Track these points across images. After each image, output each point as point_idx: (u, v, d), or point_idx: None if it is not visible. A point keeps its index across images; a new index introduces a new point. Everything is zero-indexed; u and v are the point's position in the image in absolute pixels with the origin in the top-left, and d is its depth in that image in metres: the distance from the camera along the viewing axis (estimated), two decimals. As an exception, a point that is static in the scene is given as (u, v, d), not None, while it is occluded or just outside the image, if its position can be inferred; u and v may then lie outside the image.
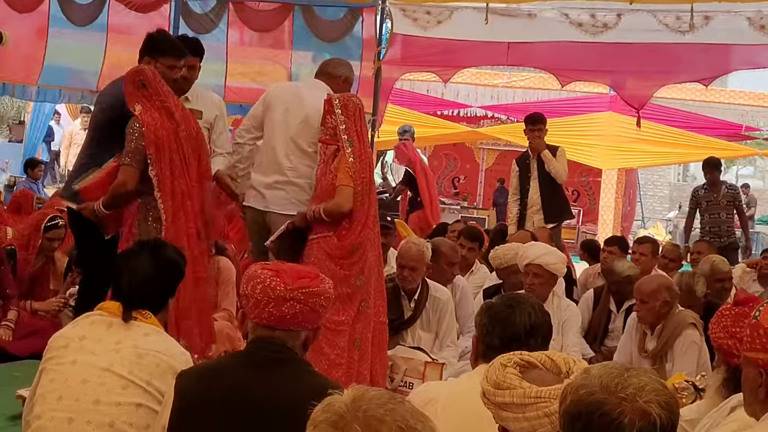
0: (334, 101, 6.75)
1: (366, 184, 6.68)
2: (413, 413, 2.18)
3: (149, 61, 6.92)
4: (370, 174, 6.79)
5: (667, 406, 2.41)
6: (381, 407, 2.15)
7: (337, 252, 6.61)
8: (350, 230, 6.64)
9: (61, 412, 4.00)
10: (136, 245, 4.52)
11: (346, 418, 2.12)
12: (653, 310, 6.99)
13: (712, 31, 11.53)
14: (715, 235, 13.41)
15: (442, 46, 12.88)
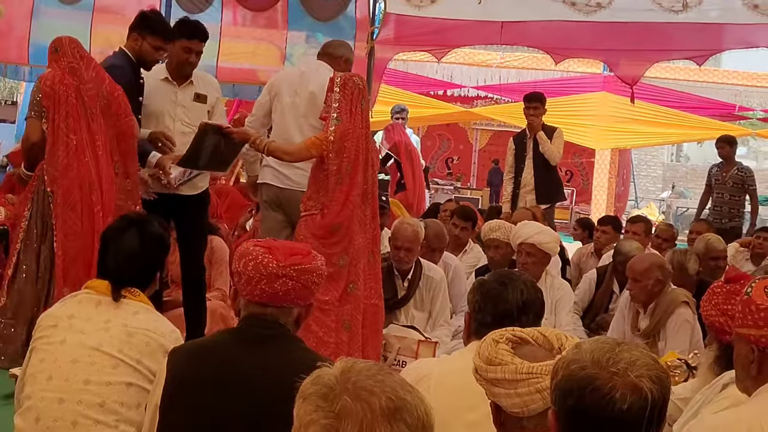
0: (336, 79, 6.80)
1: (349, 164, 6.67)
2: (402, 384, 2.19)
3: (136, 37, 7.03)
4: (356, 155, 6.77)
5: (659, 380, 2.41)
6: (370, 378, 2.15)
7: (319, 231, 6.64)
8: (330, 209, 6.67)
9: (51, 392, 4.00)
10: (121, 221, 4.49)
11: (336, 389, 2.12)
12: (645, 289, 7.00)
13: (705, 11, 11.53)
14: (717, 215, 13.43)
15: (435, 25, 12.85)
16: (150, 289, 4.39)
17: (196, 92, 7.30)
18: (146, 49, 7.05)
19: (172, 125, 7.20)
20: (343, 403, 2.10)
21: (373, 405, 2.10)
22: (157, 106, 7.18)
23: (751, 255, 10.80)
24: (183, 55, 7.13)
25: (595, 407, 2.39)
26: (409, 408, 2.14)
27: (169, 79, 7.23)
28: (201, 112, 7.28)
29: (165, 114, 7.21)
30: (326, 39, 13.26)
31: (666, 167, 35.82)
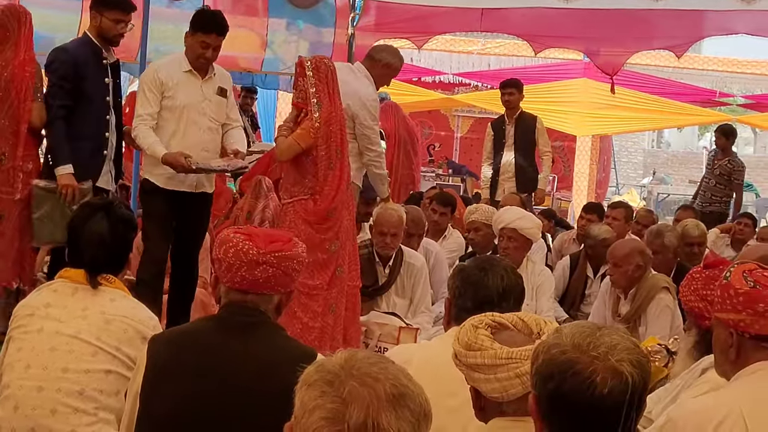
0: (306, 63, 6.79)
1: (337, 148, 6.69)
2: (404, 373, 2.20)
3: (94, 15, 7.00)
4: (342, 138, 6.79)
5: (639, 364, 2.42)
6: (374, 366, 2.16)
7: (313, 217, 6.65)
8: (323, 195, 6.67)
9: (29, 381, 3.98)
10: (86, 208, 4.46)
11: (341, 376, 2.12)
12: (626, 274, 7.03)
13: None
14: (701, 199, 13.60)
15: (415, 12, 12.83)
16: (123, 272, 4.40)
17: (219, 86, 7.12)
18: (106, 24, 7.00)
19: (199, 120, 6.98)
20: (350, 388, 2.10)
21: (378, 391, 2.11)
22: (182, 100, 6.92)
23: (731, 241, 10.87)
24: (199, 50, 6.91)
25: (576, 391, 2.40)
26: (412, 395, 2.15)
27: (193, 72, 6.98)
28: (222, 108, 7.14)
29: (192, 108, 6.96)
30: (306, 26, 13.33)
31: (647, 153, 35.91)
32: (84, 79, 7.00)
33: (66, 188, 6.83)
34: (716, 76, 21.01)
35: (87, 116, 7.05)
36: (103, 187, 7.18)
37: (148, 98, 6.86)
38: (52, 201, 6.86)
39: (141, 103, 6.89)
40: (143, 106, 6.87)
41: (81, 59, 7.01)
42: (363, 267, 7.48)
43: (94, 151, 7.11)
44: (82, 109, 7.04)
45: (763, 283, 3.24)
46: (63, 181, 6.87)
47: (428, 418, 2.18)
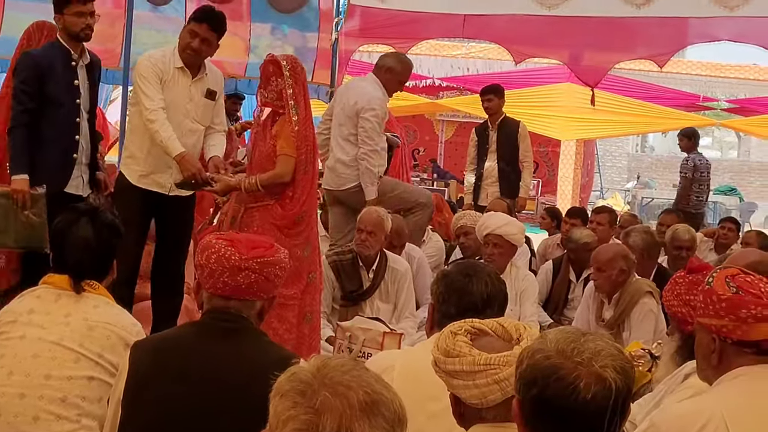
0: (282, 63, 6.69)
1: (310, 152, 6.66)
2: (377, 380, 2.19)
3: (57, 18, 6.90)
4: (314, 142, 6.77)
5: (623, 370, 2.43)
6: (346, 374, 2.15)
7: (282, 221, 6.59)
8: (294, 199, 6.61)
9: (12, 388, 3.95)
10: (71, 213, 4.43)
11: (314, 385, 2.12)
12: (610, 279, 7.04)
13: (669, 4, 11.56)
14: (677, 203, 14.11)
15: (400, 18, 12.85)
16: (107, 279, 4.36)
17: (208, 88, 6.97)
18: (69, 21, 6.86)
19: (182, 121, 6.83)
20: (323, 398, 2.09)
21: (351, 399, 2.10)
22: (171, 98, 6.77)
23: (715, 245, 10.89)
24: (186, 39, 6.75)
25: (559, 397, 2.41)
26: (386, 402, 2.15)
27: (185, 70, 6.84)
28: (209, 110, 7.01)
29: (176, 109, 6.81)
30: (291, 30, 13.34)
31: (631, 158, 35.96)
32: (48, 83, 6.88)
33: (16, 193, 6.76)
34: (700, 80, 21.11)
35: (54, 120, 6.92)
36: (73, 193, 7.05)
37: (153, 86, 6.69)
38: (5, 207, 6.82)
39: (148, 91, 6.68)
40: (152, 93, 6.68)
41: (45, 62, 6.91)
42: (347, 271, 7.49)
43: (63, 154, 6.98)
44: (49, 112, 6.91)
45: (745, 289, 3.25)
46: (14, 186, 6.80)
47: (403, 423, 2.18)
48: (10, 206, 6.76)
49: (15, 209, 6.75)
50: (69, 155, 6.98)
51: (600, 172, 27.70)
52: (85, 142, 7.08)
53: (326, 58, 12.95)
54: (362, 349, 6.76)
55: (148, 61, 6.80)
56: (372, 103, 8.12)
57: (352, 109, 8.27)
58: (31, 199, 6.77)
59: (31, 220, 6.78)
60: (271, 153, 6.62)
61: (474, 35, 14.10)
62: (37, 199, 6.80)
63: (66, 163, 6.98)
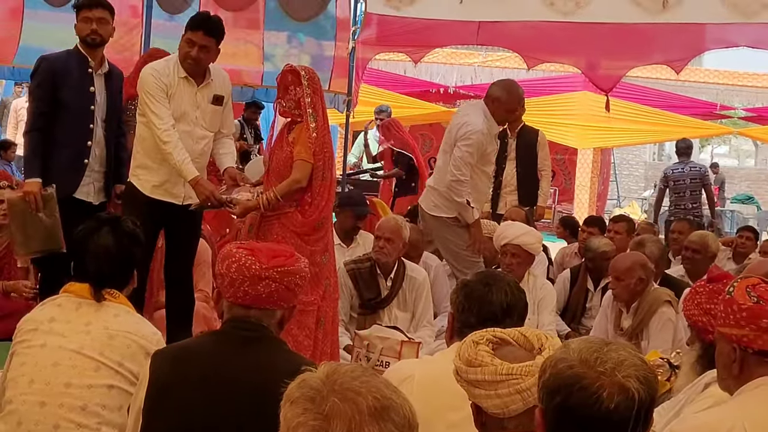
0: (300, 72, 6.71)
1: (328, 160, 6.68)
2: (387, 385, 2.20)
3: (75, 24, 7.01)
4: (331, 149, 6.79)
5: (646, 381, 2.42)
6: (355, 380, 2.16)
7: (302, 228, 6.61)
8: (313, 206, 6.64)
9: (32, 396, 3.97)
10: (92, 222, 4.44)
11: (323, 392, 2.13)
12: (628, 288, 7.02)
13: (686, 11, 11.52)
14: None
15: (415, 25, 12.84)
16: (128, 289, 4.37)
17: (215, 94, 6.93)
18: (78, 27, 6.99)
19: (191, 130, 6.80)
20: (332, 404, 2.10)
21: (360, 405, 2.11)
22: (176, 108, 6.74)
23: (733, 254, 10.84)
24: (185, 48, 6.70)
25: (582, 406, 2.40)
26: (395, 407, 2.15)
27: (189, 79, 6.80)
28: (217, 116, 6.98)
29: (185, 118, 6.78)
30: (308, 39, 13.35)
31: (648, 166, 35.88)
32: (63, 88, 6.95)
33: (28, 195, 6.81)
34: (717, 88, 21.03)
35: (66, 124, 6.97)
36: (83, 199, 7.09)
37: (160, 102, 6.65)
38: (24, 212, 6.85)
39: (156, 109, 6.64)
40: (160, 111, 6.65)
41: (60, 67, 6.98)
42: (365, 279, 7.50)
43: (73, 159, 7.02)
44: (62, 117, 6.96)
45: (766, 299, 3.24)
46: (26, 188, 6.87)
47: (413, 429, 2.18)
48: (27, 212, 6.79)
49: (31, 215, 6.79)
50: (80, 160, 7.02)
51: (617, 180, 27.66)
52: (98, 149, 7.11)
53: (343, 67, 12.95)
54: (380, 358, 6.76)
55: (152, 75, 6.74)
56: (468, 134, 8.06)
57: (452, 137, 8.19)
58: (42, 200, 6.81)
59: (44, 222, 6.82)
60: (288, 159, 6.63)
61: (488, 42, 14.09)
62: (48, 199, 6.84)
63: (77, 167, 7.02)
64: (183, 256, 7.09)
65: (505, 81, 8.70)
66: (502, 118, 8.30)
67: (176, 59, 6.80)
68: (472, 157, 8.00)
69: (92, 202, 7.11)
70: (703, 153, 39.53)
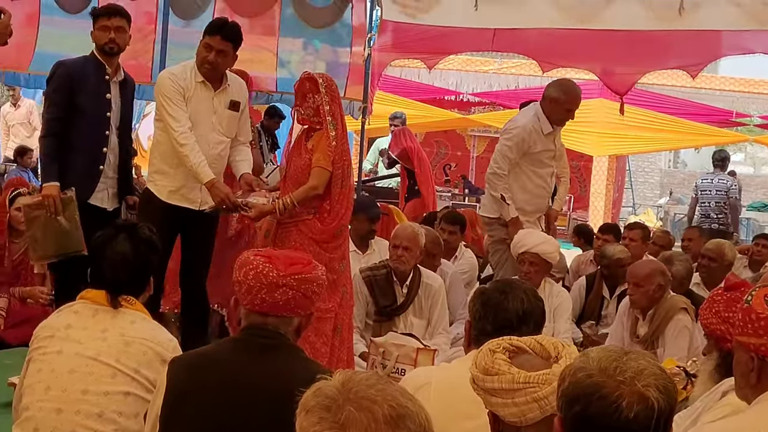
0: (318, 80, 6.73)
1: (347, 167, 6.70)
2: (402, 392, 2.19)
3: (91, 33, 7.08)
4: (349, 158, 6.82)
5: (665, 390, 2.41)
6: (371, 388, 2.16)
7: (321, 236, 6.62)
8: (332, 213, 6.65)
9: (49, 403, 3.98)
10: (109, 229, 4.45)
11: (338, 400, 2.13)
12: (647, 294, 7.01)
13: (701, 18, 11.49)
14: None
15: (430, 32, 12.84)
16: (144, 295, 4.37)
17: (232, 99, 6.98)
18: (95, 35, 7.04)
19: (208, 135, 6.84)
20: (347, 413, 2.10)
21: (376, 414, 2.10)
22: (195, 112, 6.79)
23: (749, 262, 10.81)
24: (202, 53, 6.77)
25: (601, 415, 2.39)
26: (411, 415, 2.15)
27: (206, 83, 6.85)
28: (233, 121, 7.02)
29: (202, 122, 6.83)
30: (323, 46, 13.37)
31: (663, 173, 35.84)
32: (79, 93, 6.98)
33: (47, 198, 6.83)
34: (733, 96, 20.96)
35: (82, 130, 7.01)
36: (98, 205, 7.13)
37: (177, 105, 6.70)
38: (40, 217, 6.87)
39: (173, 112, 6.69)
40: (177, 114, 6.70)
41: (78, 72, 7.02)
42: (381, 287, 7.50)
43: (89, 165, 7.06)
44: (77, 122, 7.00)
45: (784, 308, 3.23)
46: (44, 192, 6.89)
47: None
48: (45, 216, 6.81)
49: (50, 219, 6.81)
50: (95, 166, 7.06)
51: (632, 187, 27.61)
52: (113, 156, 7.14)
53: (359, 74, 12.95)
54: (396, 365, 6.76)
55: (169, 79, 6.81)
56: (509, 129, 8.14)
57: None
58: (62, 203, 6.83)
59: (64, 226, 6.84)
60: (306, 166, 6.64)
61: (504, 48, 14.09)
62: (67, 203, 6.86)
63: (92, 173, 7.06)
64: (199, 261, 7.11)
65: (562, 81, 8.76)
66: (560, 117, 8.37)
67: (193, 64, 6.85)
68: (511, 152, 8.08)
69: (106, 208, 7.14)
70: (719, 160, 39.40)
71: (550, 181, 8.58)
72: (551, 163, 8.50)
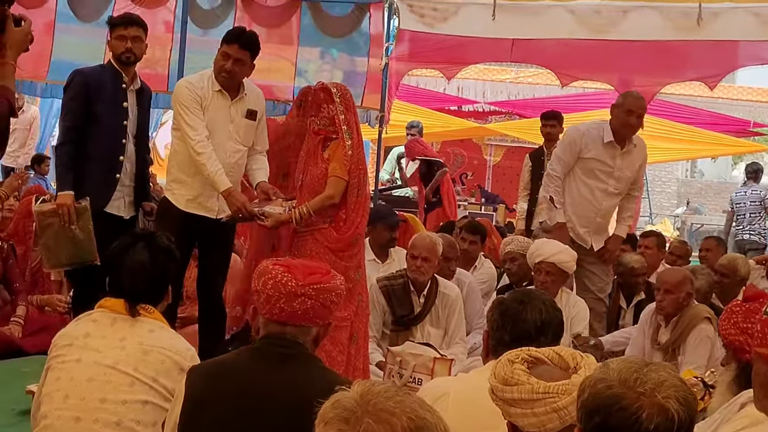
0: (332, 90, 6.74)
1: (363, 176, 6.70)
2: (422, 404, 2.19)
3: (108, 42, 7.19)
4: (365, 167, 6.81)
5: (686, 402, 2.39)
6: (390, 400, 2.15)
7: (337, 245, 6.62)
8: (348, 222, 6.66)
9: (67, 411, 3.99)
10: (127, 237, 4.46)
11: (357, 412, 2.12)
12: (677, 301, 7.03)
13: (719, 28, 11.48)
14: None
15: (448, 42, 12.84)
16: (162, 304, 4.38)
17: (249, 108, 6.99)
18: (113, 44, 7.09)
19: (225, 143, 6.86)
20: (366, 425, 2.09)
21: (395, 426, 2.10)
22: (212, 121, 6.81)
23: (767, 272, 10.77)
24: (220, 62, 6.79)
25: (621, 426, 2.38)
26: (429, 427, 2.14)
27: (223, 92, 6.87)
28: (251, 131, 7.02)
29: (219, 131, 6.84)
30: (341, 55, 13.38)
31: (681, 183, 35.77)
32: (97, 102, 7.02)
33: (61, 207, 6.87)
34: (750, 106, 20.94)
35: (98, 138, 7.04)
36: (114, 213, 7.15)
37: (195, 114, 6.72)
38: (54, 225, 6.89)
39: (190, 121, 6.71)
40: (195, 123, 6.72)
41: (95, 81, 7.06)
42: (398, 296, 7.48)
43: (105, 173, 7.09)
44: (94, 131, 7.03)
45: (803, 320, 3.21)
46: (59, 200, 6.93)
47: None
48: (59, 224, 6.83)
49: (63, 228, 6.82)
50: (112, 174, 7.08)
51: (649, 197, 27.55)
52: (129, 164, 7.16)
53: (376, 83, 12.95)
54: (413, 375, 6.75)
55: (187, 88, 6.83)
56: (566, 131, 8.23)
57: None
58: (76, 213, 6.84)
59: (77, 235, 6.85)
60: (323, 175, 6.65)
61: (522, 59, 14.11)
62: (81, 213, 6.88)
63: (109, 182, 7.08)
64: (216, 270, 7.12)
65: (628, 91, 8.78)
66: (621, 122, 8.29)
67: (211, 73, 6.86)
68: (564, 153, 8.14)
69: (123, 217, 7.15)
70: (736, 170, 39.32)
71: (599, 198, 8.48)
72: (605, 180, 8.41)
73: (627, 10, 11.71)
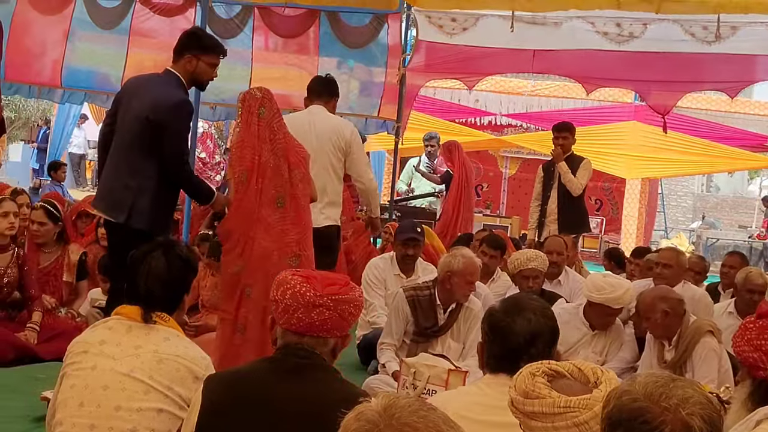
0: (238, 97, 6.85)
1: (245, 171, 6.67)
2: (445, 420, 2.17)
3: (190, 59, 6.87)
4: (251, 162, 6.74)
5: (710, 420, 2.37)
6: (413, 414, 2.14)
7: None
8: (226, 216, 6.82)
9: (82, 419, 3.98)
10: (147, 245, 4.47)
11: (380, 426, 2.11)
12: (656, 324, 7.00)
13: (738, 42, 11.51)
14: None
15: (467, 53, 12.90)
16: (178, 313, 4.39)
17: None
18: (202, 68, 6.91)
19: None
20: None
21: None
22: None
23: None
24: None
25: (644, 440, 2.37)
26: None
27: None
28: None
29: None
30: (357, 65, 13.43)
31: (696, 197, 35.71)
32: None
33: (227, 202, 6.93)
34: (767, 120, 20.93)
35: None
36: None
37: None
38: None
39: None
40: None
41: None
42: (423, 308, 7.50)
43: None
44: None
45: (817, 336, 3.21)
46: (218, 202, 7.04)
47: None
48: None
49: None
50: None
51: (664, 211, 27.53)
52: None
53: (393, 93, 12.99)
54: (427, 386, 6.74)
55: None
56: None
57: None
58: None
59: None
60: None
61: (544, 70, 14.16)
62: None
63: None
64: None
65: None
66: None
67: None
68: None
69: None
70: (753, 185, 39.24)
71: None
72: None
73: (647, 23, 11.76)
